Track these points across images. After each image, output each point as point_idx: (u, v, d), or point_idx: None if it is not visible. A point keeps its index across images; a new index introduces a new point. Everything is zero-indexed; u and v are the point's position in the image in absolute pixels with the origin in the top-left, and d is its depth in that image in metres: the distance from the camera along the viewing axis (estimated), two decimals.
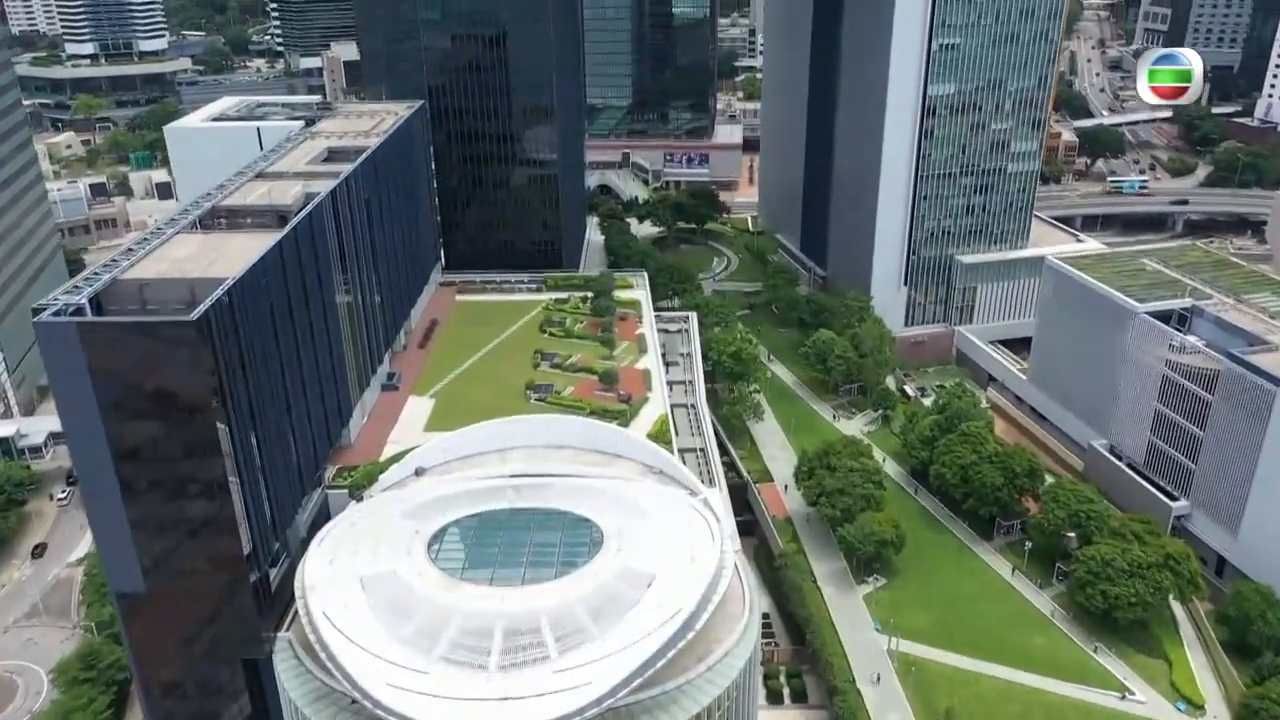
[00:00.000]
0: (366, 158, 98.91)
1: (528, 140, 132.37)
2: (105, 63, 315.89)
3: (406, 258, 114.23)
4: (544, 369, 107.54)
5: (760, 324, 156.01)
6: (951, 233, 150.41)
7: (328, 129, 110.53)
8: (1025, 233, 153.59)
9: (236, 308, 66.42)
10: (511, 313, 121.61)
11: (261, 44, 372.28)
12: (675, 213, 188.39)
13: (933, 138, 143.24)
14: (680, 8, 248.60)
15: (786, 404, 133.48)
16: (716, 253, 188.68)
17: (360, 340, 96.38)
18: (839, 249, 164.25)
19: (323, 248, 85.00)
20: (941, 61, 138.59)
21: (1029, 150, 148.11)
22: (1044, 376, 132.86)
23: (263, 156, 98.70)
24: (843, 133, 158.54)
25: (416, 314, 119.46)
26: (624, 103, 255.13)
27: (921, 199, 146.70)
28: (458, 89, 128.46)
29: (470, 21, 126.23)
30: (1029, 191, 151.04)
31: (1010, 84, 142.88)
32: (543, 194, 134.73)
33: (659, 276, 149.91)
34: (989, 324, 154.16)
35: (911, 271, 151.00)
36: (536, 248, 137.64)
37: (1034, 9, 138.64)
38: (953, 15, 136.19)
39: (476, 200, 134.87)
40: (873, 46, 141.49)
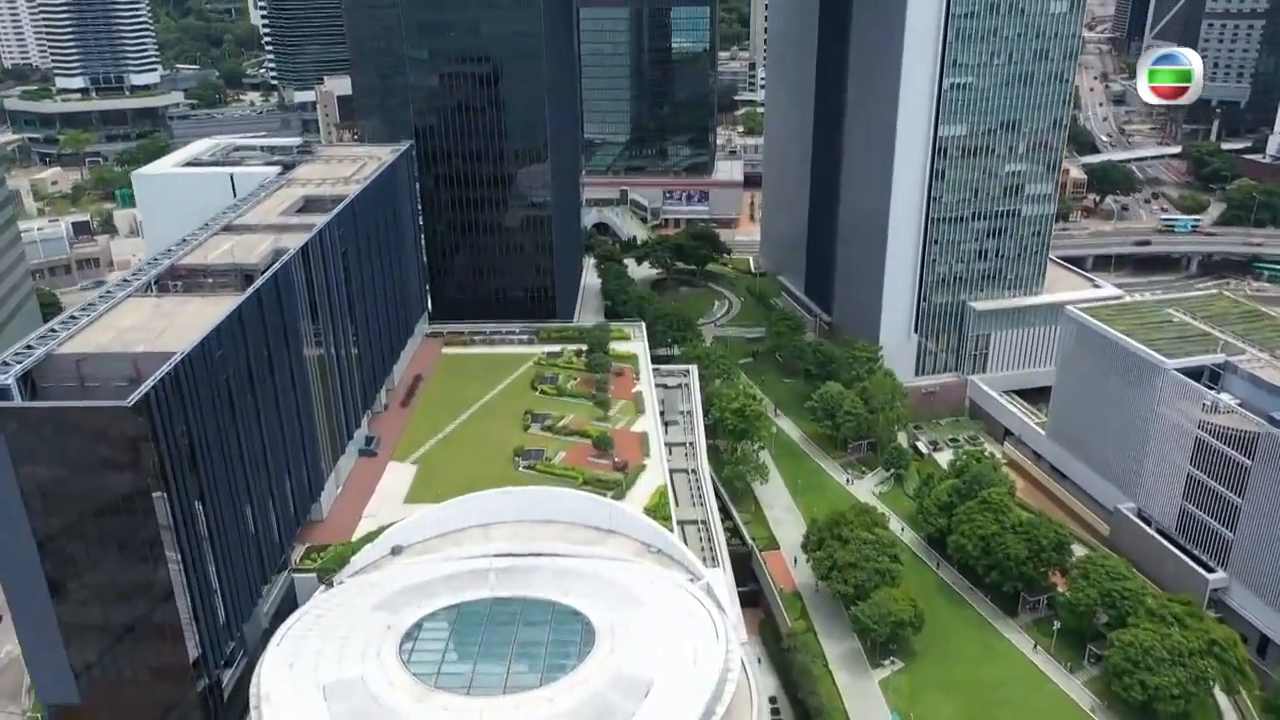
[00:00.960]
0: (345, 207, 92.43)
1: (520, 184, 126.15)
2: (96, 96, 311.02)
3: (389, 311, 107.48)
4: (534, 431, 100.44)
5: (764, 373, 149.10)
6: (964, 278, 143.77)
7: (305, 175, 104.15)
8: (1040, 278, 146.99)
9: (184, 386, 59.43)
10: (501, 367, 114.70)
11: (256, 77, 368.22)
12: (674, 254, 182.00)
13: (944, 180, 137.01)
14: (680, 42, 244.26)
15: (793, 461, 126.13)
16: (717, 295, 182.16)
17: (335, 405, 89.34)
18: (845, 294, 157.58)
19: (291, 309, 78.16)
20: (953, 101, 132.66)
21: (1044, 193, 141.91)
22: (1064, 432, 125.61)
23: (232, 207, 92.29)
24: (849, 172, 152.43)
25: (400, 369, 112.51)
26: (622, 138, 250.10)
27: (932, 243, 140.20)
28: (447, 130, 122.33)
29: (460, 60, 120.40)
30: (1044, 235, 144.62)
31: (1024, 125, 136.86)
32: (536, 240, 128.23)
33: (657, 324, 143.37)
34: (1003, 373, 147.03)
35: (922, 319, 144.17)
36: (529, 295, 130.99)
37: (1048, 49, 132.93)
38: (964, 54, 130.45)
39: (466, 246, 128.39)
40: (881, 85, 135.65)
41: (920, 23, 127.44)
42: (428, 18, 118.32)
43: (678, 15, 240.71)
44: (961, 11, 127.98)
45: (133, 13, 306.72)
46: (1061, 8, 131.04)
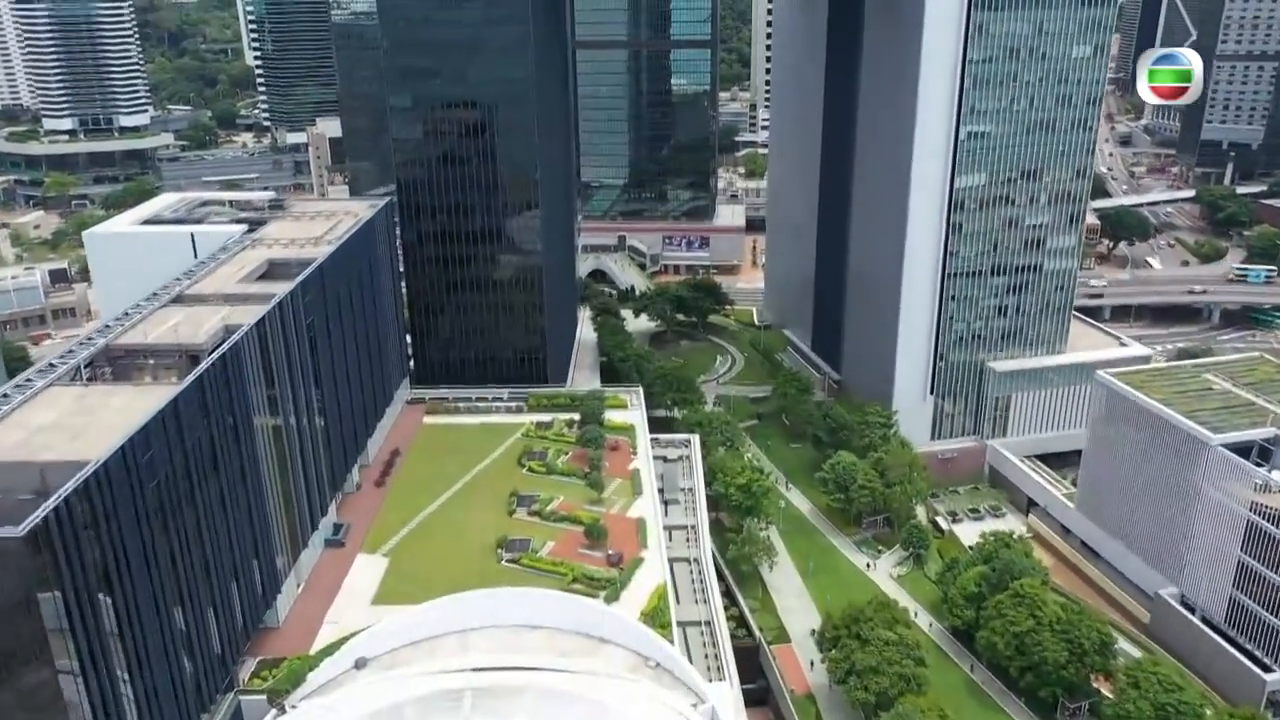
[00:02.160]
0: (312, 273, 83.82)
1: (509, 239, 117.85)
2: (84, 138, 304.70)
3: (363, 382, 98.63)
4: (520, 516, 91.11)
5: (769, 436, 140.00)
6: (982, 336, 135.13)
7: (274, 234, 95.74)
8: (1064, 336, 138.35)
9: (100, 501, 50.30)
10: (487, 439, 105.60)
11: (250, 118, 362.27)
12: (674, 305, 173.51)
13: (961, 233, 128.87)
14: (679, 83, 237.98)
15: (803, 539, 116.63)
16: (719, 349, 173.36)
17: (297, 494, 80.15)
18: (856, 351, 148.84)
19: (242, 395, 69.26)
20: (970, 150, 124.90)
21: (1067, 246, 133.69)
22: (1096, 506, 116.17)
23: (187, 273, 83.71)
24: (859, 221, 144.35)
25: (376, 443, 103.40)
26: (620, 181, 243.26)
27: (949, 299, 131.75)
28: (431, 182, 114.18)
29: (445, 109, 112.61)
30: (1068, 291, 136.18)
31: (1046, 175, 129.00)
32: (525, 298, 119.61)
33: (656, 384, 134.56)
34: (1025, 437, 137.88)
35: (938, 379, 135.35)
36: (518, 357, 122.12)
37: (1070, 95, 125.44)
38: (982, 101, 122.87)
39: (451, 305, 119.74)
40: (893, 132, 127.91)
41: (935, 68, 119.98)
42: (411, 63, 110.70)
43: (678, 57, 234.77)
44: (979, 56, 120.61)
45: (123, 54, 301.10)
46: (1084, 52, 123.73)
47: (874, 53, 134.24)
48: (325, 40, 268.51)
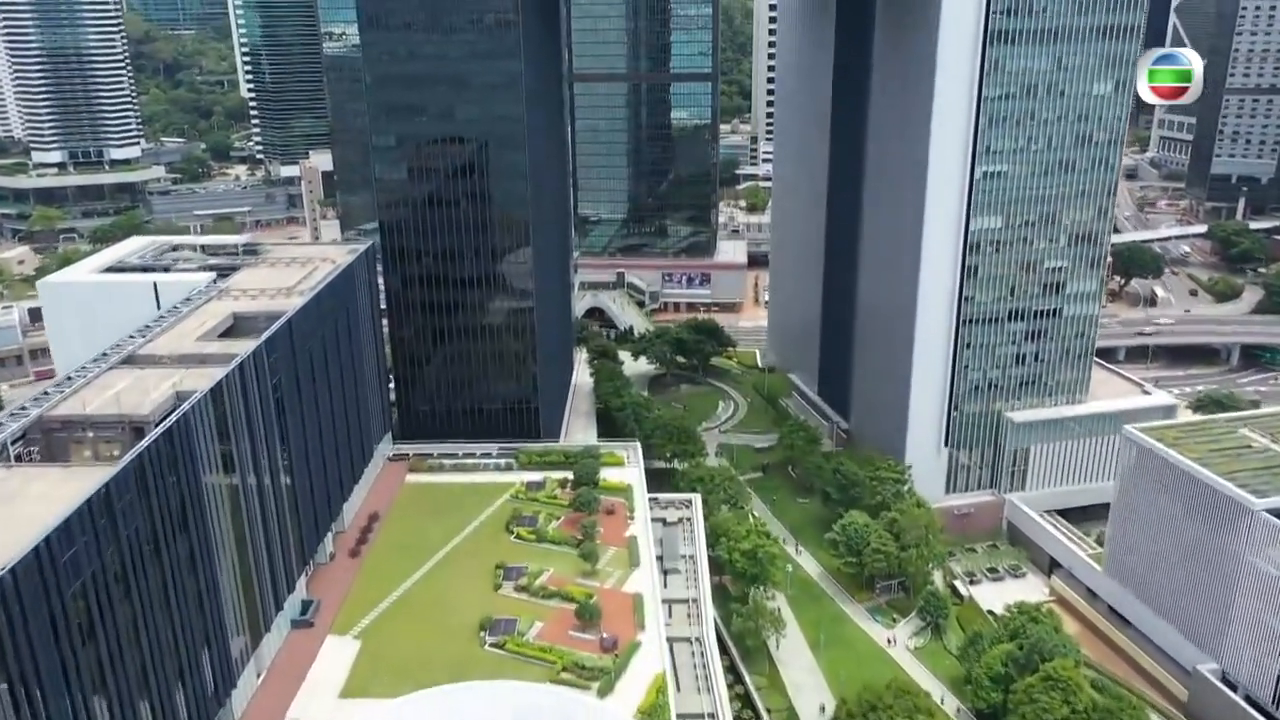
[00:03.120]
0: (280, 329, 76.92)
1: (500, 284, 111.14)
2: (73, 171, 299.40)
3: (339, 443, 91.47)
4: (507, 591, 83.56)
5: (775, 490, 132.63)
6: (999, 385, 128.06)
7: (243, 284, 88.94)
8: (1084, 384, 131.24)
9: (5, 612, 43.03)
10: (473, 500, 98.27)
11: (244, 150, 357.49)
12: (674, 348, 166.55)
13: (976, 277, 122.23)
14: (680, 116, 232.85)
15: (812, 605, 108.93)
16: (721, 394, 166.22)
17: (259, 573, 72.76)
18: (865, 399, 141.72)
19: (192, 470, 62.08)
20: (986, 191, 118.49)
21: (1088, 291, 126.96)
22: (1126, 570, 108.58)
23: (141, 330, 76.80)
24: (869, 263, 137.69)
25: (353, 507, 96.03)
26: (619, 216, 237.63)
27: (964, 346, 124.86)
28: (417, 226, 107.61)
29: (431, 148, 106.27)
30: (1089, 337, 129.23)
31: (1065, 217, 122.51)
32: (517, 347, 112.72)
33: (655, 435, 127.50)
34: (1045, 490, 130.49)
35: (953, 430, 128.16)
36: (510, 408, 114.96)
37: (1091, 134, 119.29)
38: (998, 140, 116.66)
39: (437, 355, 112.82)
40: (905, 170, 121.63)
41: (949, 105, 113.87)
42: (396, 100, 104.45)
43: (678, 90, 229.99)
44: (995, 94, 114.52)
45: (114, 85, 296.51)
46: (1105, 89, 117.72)
47: (884, 87, 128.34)
48: (319, 72, 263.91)
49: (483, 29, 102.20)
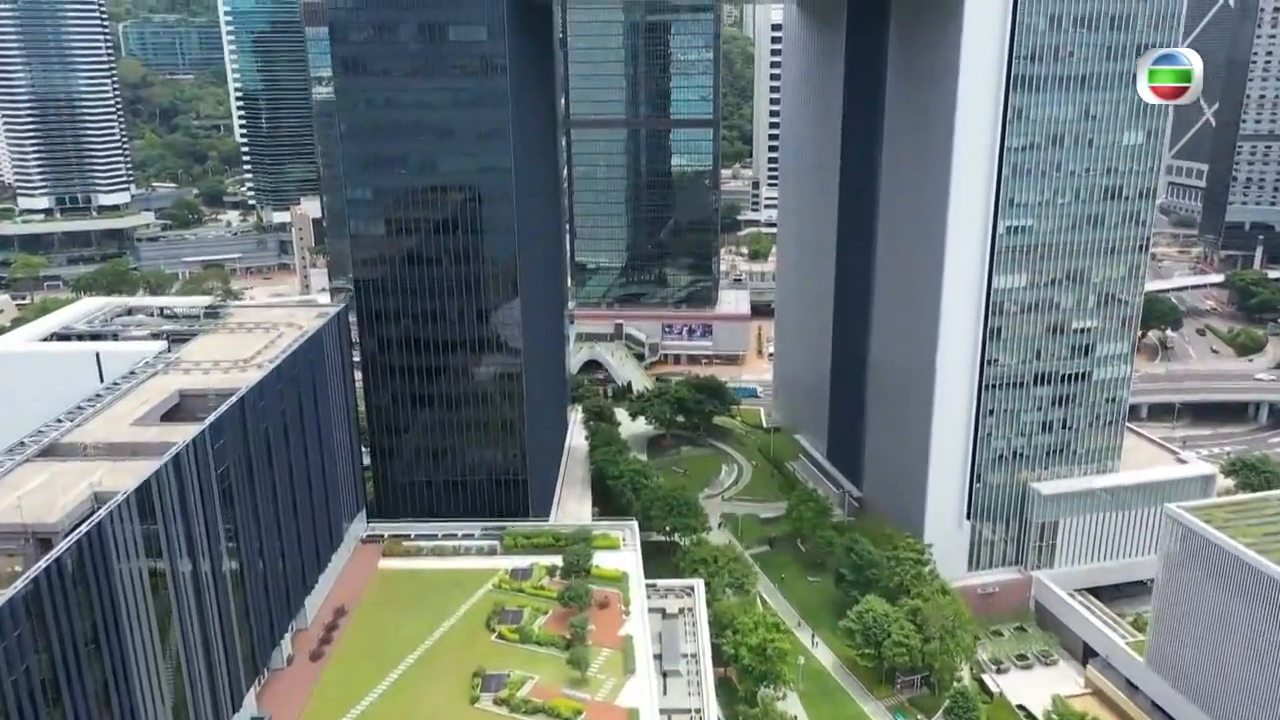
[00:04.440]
0: (230, 410, 68.04)
1: (485, 348, 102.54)
2: (60, 217, 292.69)
3: (301, 531, 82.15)
4: (485, 705, 73.74)
5: (784, 566, 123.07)
6: (1025, 454, 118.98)
7: (196, 354, 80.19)
8: (1116, 452, 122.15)
9: None
10: (452, 591, 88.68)
11: (236, 196, 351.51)
12: (674, 407, 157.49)
13: (1000, 339, 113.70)
14: (680, 162, 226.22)
15: (827, 703, 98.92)
16: (724, 456, 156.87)
17: (196, 693, 63.01)
18: (879, 465, 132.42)
19: (108, 587, 52.85)
20: (1009, 248, 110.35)
21: (1119, 353, 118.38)
22: (1172, 664, 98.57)
23: (71, 413, 67.86)
24: (882, 319, 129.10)
25: (318, 599, 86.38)
26: (618, 264, 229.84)
27: (987, 413, 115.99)
28: (395, 285, 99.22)
29: (411, 202, 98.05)
30: (1120, 402, 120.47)
31: (1094, 275, 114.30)
32: (504, 415, 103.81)
33: (653, 509, 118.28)
34: (1075, 567, 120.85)
35: (975, 502, 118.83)
36: (496, 481, 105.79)
37: (1120, 186, 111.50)
38: (1022, 192, 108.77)
39: (416, 424, 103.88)
40: (923, 224, 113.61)
41: (970, 155, 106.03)
42: (374, 151, 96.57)
43: (678, 136, 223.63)
44: (1018, 144, 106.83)
45: (104, 131, 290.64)
46: (1136, 139, 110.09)
47: (898, 134, 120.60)
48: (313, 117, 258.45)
49: (468, 74, 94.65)
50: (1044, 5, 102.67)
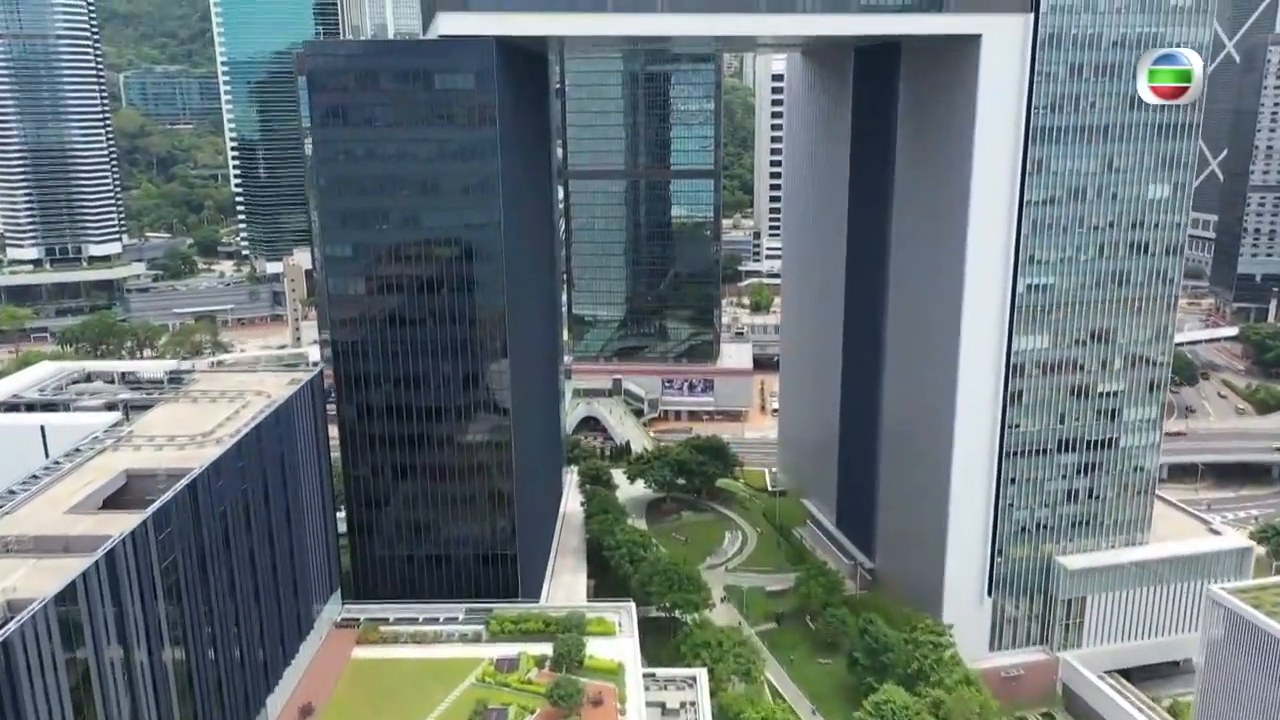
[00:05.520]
0: (179, 494, 60.92)
1: (471, 414, 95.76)
2: (50, 268, 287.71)
3: (264, 620, 74.52)
4: None
5: (793, 647, 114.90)
6: (1049, 526, 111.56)
7: (151, 427, 73.25)
8: (1145, 523, 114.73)
9: None
10: (431, 685, 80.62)
11: (230, 246, 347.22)
12: (675, 469, 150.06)
13: (1021, 403, 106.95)
14: (680, 212, 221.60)
15: None
16: (727, 522, 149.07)
17: None
18: (893, 536, 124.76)
19: (14, 710, 45.38)
20: (1030, 307, 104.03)
21: (1147, 418, 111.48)
22: None
23: (5, 493, 60.77)
24: (895, 379, 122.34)
25: (282, 696, 78.25)
26: (617, 316, 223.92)
27: (1008, 481, 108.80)
28: (375, 349, 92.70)
29: (392, 260, 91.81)
30: (1149, 470, 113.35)
31: (1120, 335, 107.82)
32: (492, 487, 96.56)
33: (652, 584, 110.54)
34: (1105, 646, 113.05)
35: (997, 578, 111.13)
36: (482, 559, 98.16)
37: (1146, 242, 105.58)
38: (1043, 248, 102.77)
39: (397, 497, 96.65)
40: (937, 281, 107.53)
41: (987, 209, 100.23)
42: (352, 206, 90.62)
43: (678, 186, 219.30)
44: (1039, 197, 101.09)
45: (97, 181, 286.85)
46: (1162, 192, 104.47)
47: (911, 186, 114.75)
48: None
49: (455, 125, 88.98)
50: (1064, 54, 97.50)
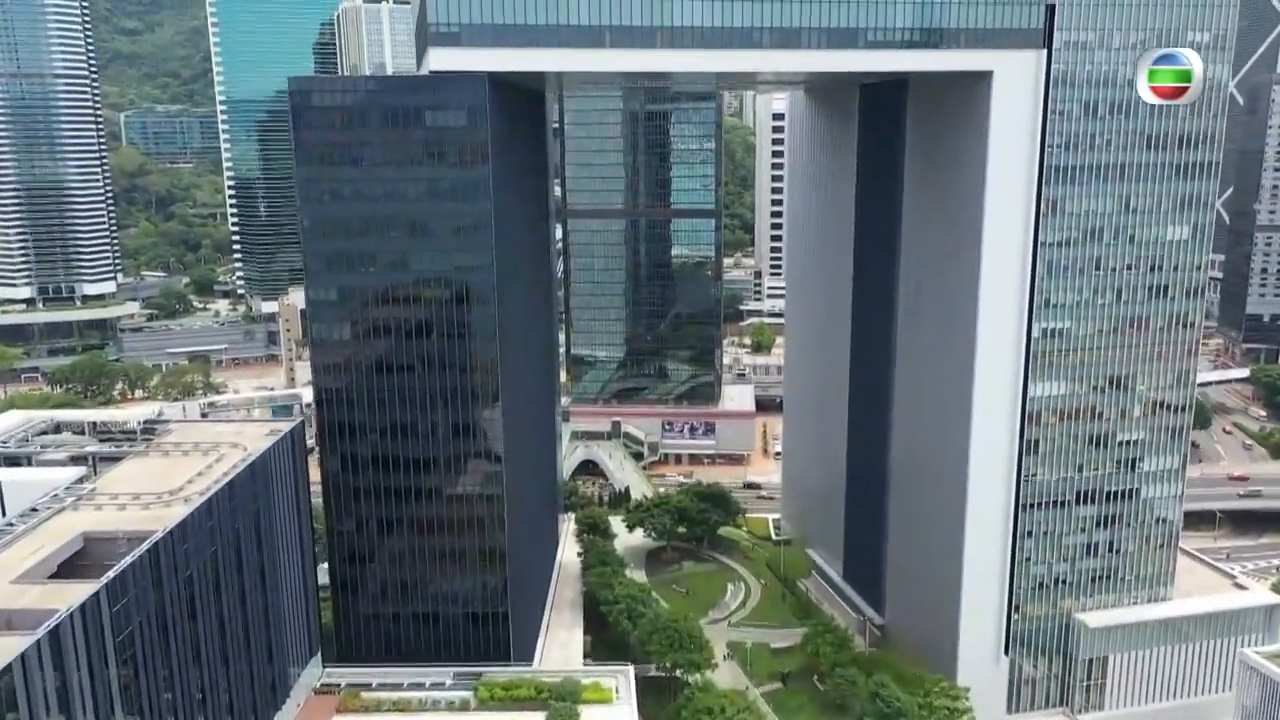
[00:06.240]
0: (139, 560, 56.24)
1: (462, 465, 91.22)
2: (42, 307, 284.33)
3: (232, 691, 69.36)
4: None
5: (800, 710, 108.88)
6: (1068, 581, 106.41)
7: (116, 483, 68.71)
8: (1168, 577, 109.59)
9: None
10: None
11: (227, 285, 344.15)
12: (675, 518, 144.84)
13: (1038, 453, 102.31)
14: (680, 251, 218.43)
15: None
16: (729, 573, 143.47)
17: None
18: (904, 589, 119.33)
19: None
20: (1046, 352, 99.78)
21: (1169, 468, 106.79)
22: None
23: None
24: (905, 424, 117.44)
25: None
26: (616, 356, 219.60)
27: (1025, 535, 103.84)
28: (360, 397, 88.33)
29: (380, 305, 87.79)
30: (1172, 523, 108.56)
31: (1139, 382, 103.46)
32: (483, 543, 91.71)
33: (652, 641, 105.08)
34: (1128, 709, 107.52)
35: (1014, 636, 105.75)
36: (471, 618, 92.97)
37: (1166, 285, 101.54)
38: (1059, 292, 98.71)
39: (383, 553, 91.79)
40: (949, 323, 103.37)
41: (1000, 251, 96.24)
42: (338, 248, 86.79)
43: (679, 226, 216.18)
44: (1054, 239, 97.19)
45: (93, 221, 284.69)
46: (1181, 234, 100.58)
47: (919, 225, 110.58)
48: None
49: (446, 164, 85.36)
50: (1078, 91, 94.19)
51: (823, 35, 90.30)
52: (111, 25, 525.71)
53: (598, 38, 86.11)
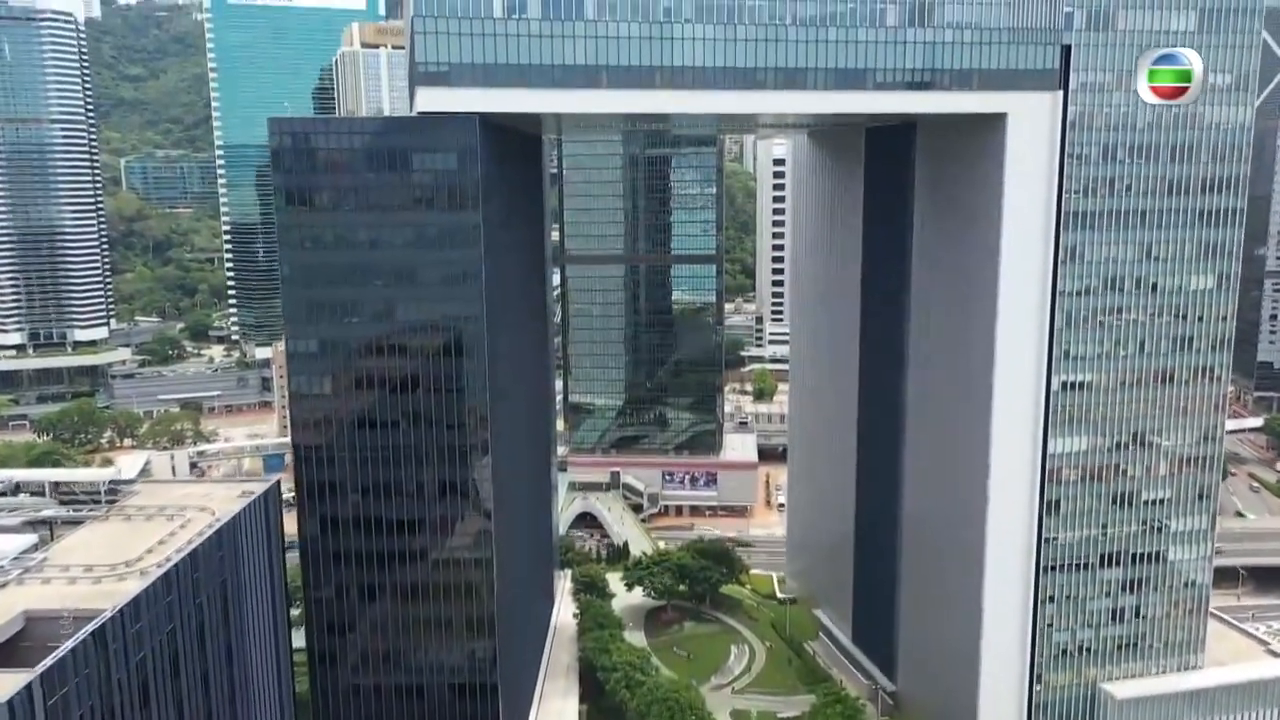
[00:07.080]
0: (81, 645, 50.75)
1: (450, 527, 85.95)
2: (32, 353, 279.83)
3: None
4: None
5: None
6: (1093, 649, 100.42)
7: (69, 552, 63.35)
8: (1199, 644, 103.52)
9: None
10: None
11: (223, 330, 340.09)
12: (676, 576, 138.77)
13: (1059, 512, 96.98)
14: (681, 297, 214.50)
15: None
16: (732, 634, 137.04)
17: None
18: (917, 655, 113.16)
19: None
20: (1066, 407, 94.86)
21: (1197, 529, 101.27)
22: None
23: None
24: (917, 479, 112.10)
25: None
26: (615, 404, 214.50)
27: (1046, 599, 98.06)
28: (342, 455, 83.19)
29: (363, 357, 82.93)
30: (1201, 586, 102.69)
31: (1165, 438, 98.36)
32: (471, 611, 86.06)
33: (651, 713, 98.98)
34: None
35: (1037, 707, 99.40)
36: (457, 689, 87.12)
37: (1191, 337, 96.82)
38: (1079, 344, 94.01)
39: (364, 621, 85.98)
40: (963, 377, 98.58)
41: (1016, 300, 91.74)
42: (320, 296, 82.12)
43: (679, 271, 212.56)
44: (1073, 287, 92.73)
45: (86, 267, 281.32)
46: (1206, 283, 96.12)
47: (930, 273, 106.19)
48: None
49: (434, 209, 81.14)
50: (1096, 135, 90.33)
51: (829, 76, 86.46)
52: (116, 71, 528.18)
53: (594, 78, 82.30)
